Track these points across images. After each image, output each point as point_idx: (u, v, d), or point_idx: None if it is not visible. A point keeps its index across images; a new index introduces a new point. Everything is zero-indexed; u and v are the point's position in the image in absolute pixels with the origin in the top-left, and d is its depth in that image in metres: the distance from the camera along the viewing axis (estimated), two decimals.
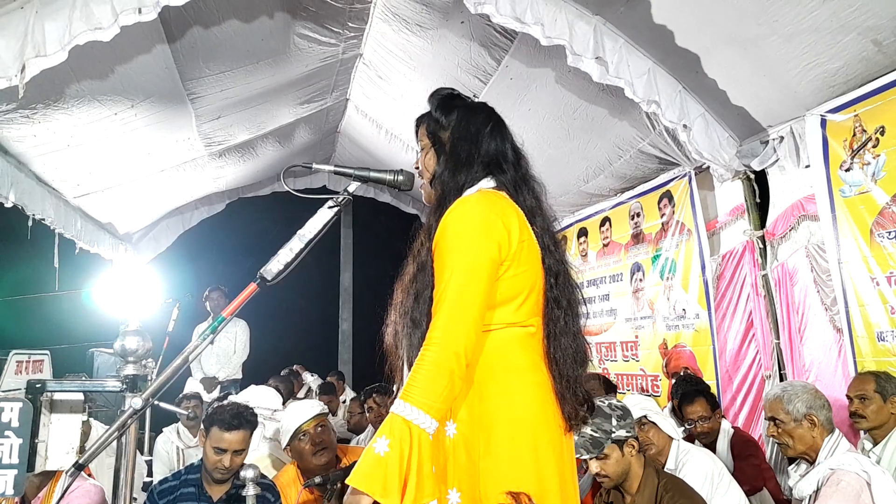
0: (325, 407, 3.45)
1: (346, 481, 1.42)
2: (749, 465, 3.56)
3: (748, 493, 3.15)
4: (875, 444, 2.98)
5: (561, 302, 1.75)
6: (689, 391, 3.90)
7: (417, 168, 1.90)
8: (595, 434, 2.53)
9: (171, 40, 3.79)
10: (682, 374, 4.72)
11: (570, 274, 1.82)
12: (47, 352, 1.75)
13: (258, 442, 3.91)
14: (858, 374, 3.19)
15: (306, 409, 3.25)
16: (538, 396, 1.64)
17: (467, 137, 1.80)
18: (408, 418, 1.44)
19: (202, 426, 2.97)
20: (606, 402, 2.64)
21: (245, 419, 2.94)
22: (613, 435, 2.55)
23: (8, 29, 2.85)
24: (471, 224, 1.63)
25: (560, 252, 1.81)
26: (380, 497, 1.38)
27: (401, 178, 1.88)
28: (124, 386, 1.66)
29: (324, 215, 1.80)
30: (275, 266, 1.73)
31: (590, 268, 6.33)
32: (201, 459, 2.94)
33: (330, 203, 1.81)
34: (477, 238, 1.61)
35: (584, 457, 2.52)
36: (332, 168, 1.90)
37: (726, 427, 3.84)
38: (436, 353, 1.50)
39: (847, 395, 3.09)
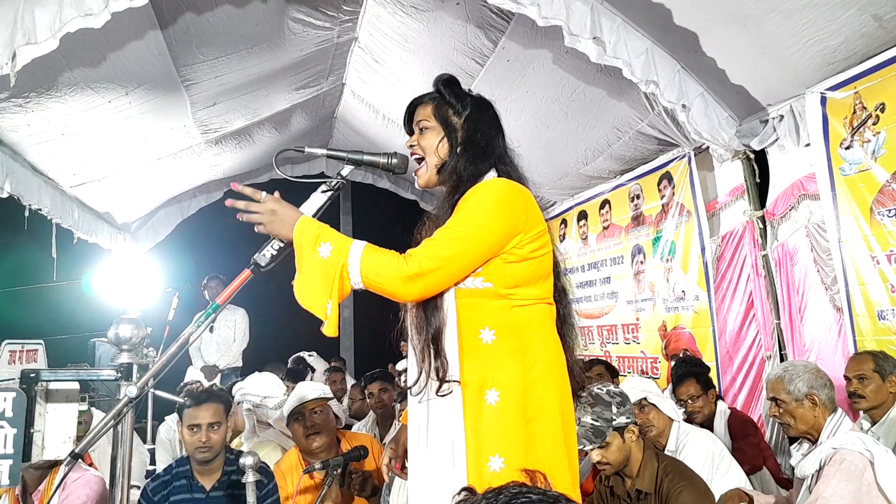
0: (328, 391, 3.45)
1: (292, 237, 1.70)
2: (748, 445, 3.56)
3: (748, 473, 3.15)
4: (873, 423, 2.97)
5: (566, 288, 1.90)
6: (681, 373, 3.92)
7: (413, 146, 1.88)
8: (596, 423, 2.52)
9: (164, 26, 3.75)
10: (681, 355, 4.72)
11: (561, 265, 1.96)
12: (41, 341, 1.73)
13: (251, 430, 3.91)
14: (856, 354, 3.17)
15: (307, 391, 3.27)
16: (565, 370, 1.77)
17: (483, 129, 1.86)
18: (350, 260, 1.66)
19: (177, 418, 2.98)
20: (605, 389, 2.61)
21: (212, 393, 3.01)
22: (614, 422, 2.54)
23: None
24: (497, 196, 1.71)
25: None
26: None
27: (395, 160, 1.86)
28: (119, 374, 1.65)
29: (317, 199, 1.79)
30: (269, 251, 1.73)
31: (590, 251, 6.32)
32: None
33: (323, 187, 1.80)
34: (498, 213, 1.69)
35: (586, 447, 2.51)
36: (324, 152, 1.87)
37: (723, 408, 3.83)
38: (408, 274, 1.63)
39: (845, 376, 3.07)
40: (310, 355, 7.22)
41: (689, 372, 3.90)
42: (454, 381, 1.66)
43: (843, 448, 2.30)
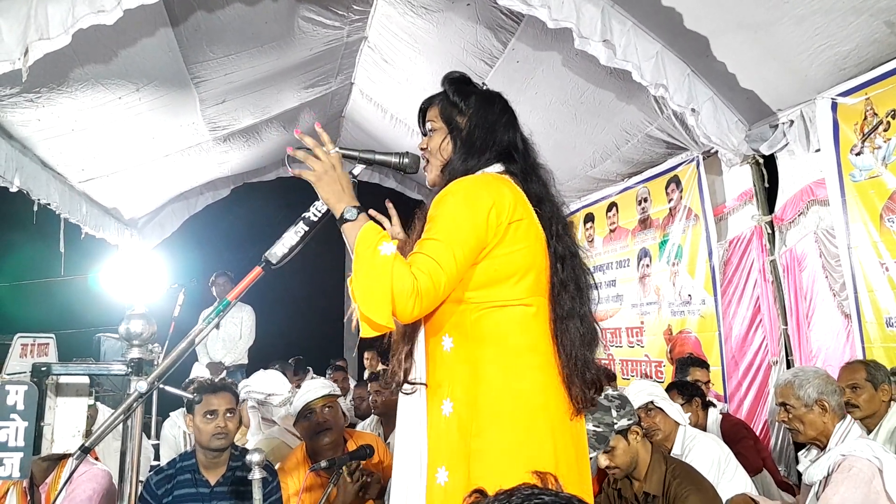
0: (337, 389, 3.45)
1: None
2: (745, 448, 3.54)
3: (750, 476, 3.14)
4: (868, 432, 2.96)
5: (567, 285, 1.74)
6: (668, 384, 3.92)
7: (423, 149, 1.88)
8: (598, 429, 2.51)
9: (175, 24, 3.76)
10: (690, 359, 4.69)
11: (580, 259, 1.81)
12: (52, 335, 1.74)
13: (256, 427, 3.92)
14: (847, 364, 3.15)
15: (317, 388, 3.27)
16: (538, 380, 1.64)
17: (484, 126, 1.81)
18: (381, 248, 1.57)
19: (187, 413, 2.98)
20: (603, 394, 2.60)
21: (223, 384, 3.03)
22: (616, 426, 2.53)
23: (11, 11, 2.83)
24: (462, 197, 1.65)
25: (569, 237, 1.81)
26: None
27: (406, 160, 1.85)
28: (130, 369, 1.66)
29: None
30: (279, 249, 1.72)
31: (596, 253, 6.31)
32: (194, 446, 2.95)
33: None
34: (465, 210, 1.62)
35: (591, 455, 2.50)
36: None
37: (715, 416, 3.81)
38: (414, 294, 1.52)
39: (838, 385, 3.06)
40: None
41: (672, 384, 3.91)
42: (420, 383, 1.67)
43: (851, 455, 2.29)
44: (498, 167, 1.79)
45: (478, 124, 1.81)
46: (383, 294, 1.52)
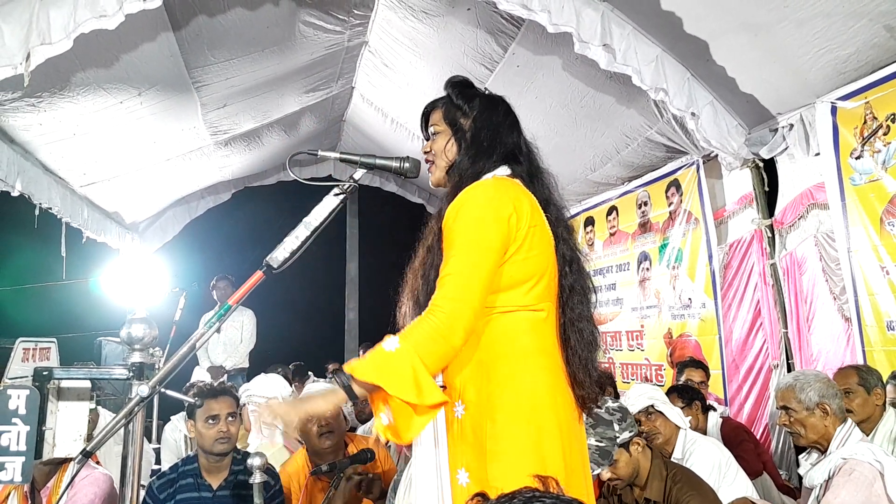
0: None
1: (355, 374, 1.56)
2: (745, 451, 3.54)
3: (751, 479, 3.14)
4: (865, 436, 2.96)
5: (575, 288, 1.78)
6: (669, 388, 3.92)
7: (427, 152, 1.89)
8: (601, 444, 2.50)
9: (176, 28, 3.78)
10: (687, 360, 4.69)
11: (583, 262, 1.84)
12: (54, 339, 1.75)
13: (257, 431, 3.92)
14: (840, 370, 3.16)
15: (320, 391, 3.26)
16: (546, 381, 1.66)
17: (489, 127, 1.83)
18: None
19: (188, 419, 2.98)
20: (604, 407, 2.59)
21: (225, 388, 3.06)
22: (618, 440, 2.53)
23: (13, 16, 2.84)
24: (482, 206, 1.65)
25: (573, 241, 1.84)
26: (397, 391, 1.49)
27: (407, 164, 1.86)
28: (131, 374, 1.66)
29: (329, 203, 1.79)
30: (281, 254, 1.72)
31: (596, 257, 6.31)
32: (196, 451, 2.95)
33: (336, 190, 1.80)
34: (487, 219, 1.63)
35: (596, 471, 2.49)
36: (337, 155, 1.88)
37: (715, 420, 3.81)
38: (445, 323, 1.54)
39: None
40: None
41: (672, 387, 3.91)
42: (441, 386, 1.66)
43: (852, 458, 2.29)
44: (505, 170, 1.81)
45: (482, 126, 1.83)
46: (423, 375, 1.51)
